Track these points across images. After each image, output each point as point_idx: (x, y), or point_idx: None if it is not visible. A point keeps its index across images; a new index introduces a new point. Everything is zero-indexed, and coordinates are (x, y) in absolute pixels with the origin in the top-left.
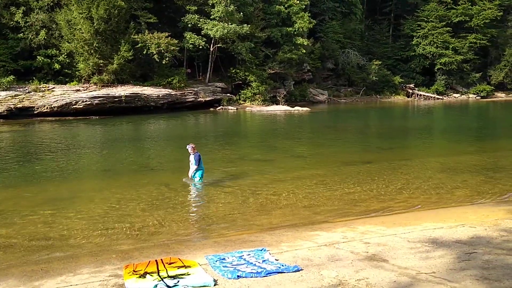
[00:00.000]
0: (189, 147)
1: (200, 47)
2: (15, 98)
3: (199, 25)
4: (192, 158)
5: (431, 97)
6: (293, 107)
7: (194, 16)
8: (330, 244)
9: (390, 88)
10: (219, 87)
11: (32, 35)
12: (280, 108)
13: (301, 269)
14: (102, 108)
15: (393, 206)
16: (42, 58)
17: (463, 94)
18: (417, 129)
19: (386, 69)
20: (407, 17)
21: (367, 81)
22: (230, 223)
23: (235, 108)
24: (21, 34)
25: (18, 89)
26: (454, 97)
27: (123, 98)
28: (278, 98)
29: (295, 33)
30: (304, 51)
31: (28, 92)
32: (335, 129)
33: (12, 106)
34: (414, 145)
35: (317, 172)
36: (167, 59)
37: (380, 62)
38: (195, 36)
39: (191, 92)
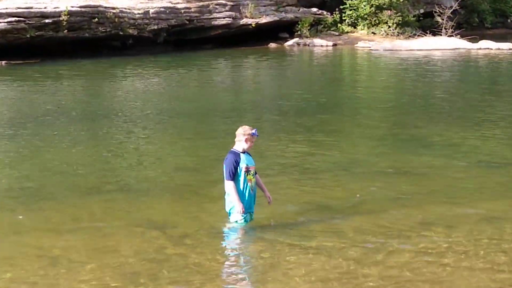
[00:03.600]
0: (253, 134)
1: None
2: None
3: None
4: (245, 160)
5: None
6: (476, 42)
7: None
8: None
9: None
10: None
11: None
12: (441, 45)
13: None
14: (15, 41)
15: None
16: None
17: None
18: None
19: None
20: None
21: None
22: None
23: (330, 43)
24: None
25: None
26: None
27: (64, 18)
28: (441, 20)
29: None
30: None
31: None
32: None
33: None
34: None
35: None
36: None
37: None
38: None
39: (224, 6)
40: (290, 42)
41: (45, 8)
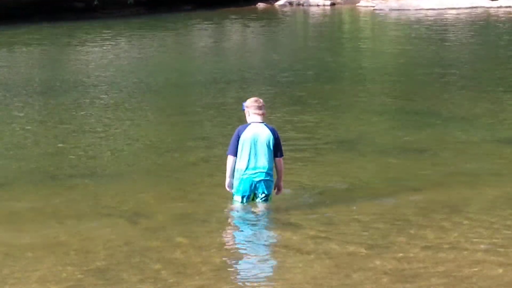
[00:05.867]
0: (253, 104)
1: None
2: None
3: None
4: (261, 132)
5: None
6: (496, 0)
7: None
8: None
9: None
10: None
11: None
12: (455, 3)
13: None
14: None
15: None
16: None
17: None
18: None
19: None
20: None
21: None
22: None
23: (328, 2)
24: None
25: None
26: None
27: None
28: None
29: None
30: None
31: None
32: None
33: None
34: None
35: None
36: None
37: None
38: None
39: None
40: (282, 1)
41: None
